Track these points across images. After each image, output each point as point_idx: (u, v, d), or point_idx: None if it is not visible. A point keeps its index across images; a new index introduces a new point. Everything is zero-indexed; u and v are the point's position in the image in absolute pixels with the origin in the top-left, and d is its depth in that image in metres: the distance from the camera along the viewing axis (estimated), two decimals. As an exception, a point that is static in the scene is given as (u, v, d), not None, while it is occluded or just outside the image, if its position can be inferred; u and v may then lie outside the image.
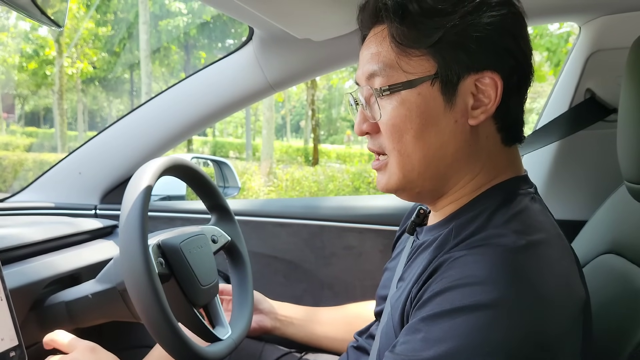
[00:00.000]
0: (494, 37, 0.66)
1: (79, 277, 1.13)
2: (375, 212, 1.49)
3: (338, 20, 1.15)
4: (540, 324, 0.57)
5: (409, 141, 0.69)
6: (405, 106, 0.69)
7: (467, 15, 0.66)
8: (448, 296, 0.59)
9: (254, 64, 1.37)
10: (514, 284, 0.58)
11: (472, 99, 0.68)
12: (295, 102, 28.51)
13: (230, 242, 1.08)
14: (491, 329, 0.56)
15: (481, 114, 0.68)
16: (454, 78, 0.67)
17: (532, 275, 0.59)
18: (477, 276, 0.59)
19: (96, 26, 15.78)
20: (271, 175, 9.53)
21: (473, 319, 0.56)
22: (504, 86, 0.67)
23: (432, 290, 0.62)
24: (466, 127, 0.69)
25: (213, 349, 0.88)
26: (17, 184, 10.93)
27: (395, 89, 0.69)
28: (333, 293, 1.50)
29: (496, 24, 0.66)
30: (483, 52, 0.67)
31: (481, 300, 0.57)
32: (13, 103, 23.87)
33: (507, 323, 0.56)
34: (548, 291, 0.59)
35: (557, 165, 1.33)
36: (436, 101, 0.68)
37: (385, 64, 0.70)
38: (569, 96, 1.28)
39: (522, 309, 0.57)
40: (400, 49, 0.68)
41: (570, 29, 6.25)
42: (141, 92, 13.98)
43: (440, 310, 0.59)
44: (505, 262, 0.59)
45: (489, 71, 0.67)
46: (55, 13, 0.82)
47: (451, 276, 0.61)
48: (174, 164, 0.94)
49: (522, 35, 0.70)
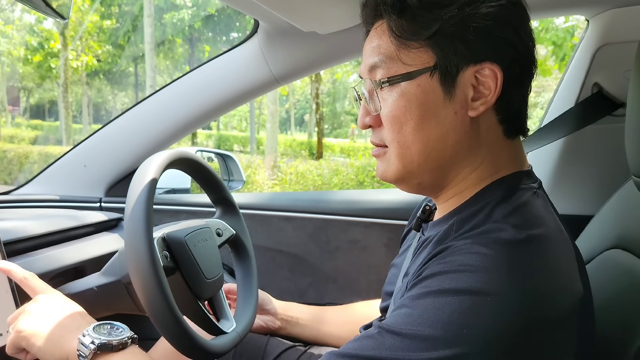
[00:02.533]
0: (493, 28, 0.66)
1: (83, 270, 1.13)
2: (380, 206, 1.48)
3: (343, 14, 1.14)
4: (527, 316, 0.57)
5: (408, 132, 0.69)
6: (405, 98, 0.69)
7: (465, 6, 0.65)
8: (438, 279, 0.60)
9: (259, 57, 1.37)
10: (505, 276, 0.58)
11: (471, 90, 0.68)
12: (299, 95, 28.48)
13: (235, 236, 1.08)
14: (473, 315, 0.57)
15: (481, 105, 0.68)
16: (453, 69, 0.67)
17: (525, 268, 0.60)
18: (470, 264, 0.59)
19: (101, 19, 15.78)
20: (275, 169, 9.53)
21: (457, 302, 0.57)
22: (505, 77, 0.67)
23: (425, 273, 0.63)
24: (466, 119, 0.68)
25: (218, 342, 0.88)
26: (22, 176, 10.98)
27: (394, 80, 0.69)
28: (338, 287, 1.51)
29: (494, 15, 0.66)
30: (482, 43, 0.66)
31: (470, 286, 0.58)
32: (18, 96, 23.97)
33: (492, 311, 0.57)
34: (539, 285, 0.59)
35: (564, 159, 1.32)
36: (435, 93, 0.68)
37: (386, 56, 0.70)
38: (576, 90, 1.28)
39: (510, 300, 0.57)
40: (400, 42, 0.69)
41: (576, 23, 6.21)
42: (145, 85, 13.99)
43: (428, 290, 0.60)
44: (501, 254, 0.60)
45: (488, 62, 0.66)
46: (60, 5, 0.82)
47: (445, 263, 0.62)
48: (178, 157, 0.93)
49: (522, 26, 0.69)
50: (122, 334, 0.77)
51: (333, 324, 1.16)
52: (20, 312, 0.80)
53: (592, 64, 1.24)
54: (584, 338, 0.64)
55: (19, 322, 0.79)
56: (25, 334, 0.77)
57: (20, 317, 0.79)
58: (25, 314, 0.79)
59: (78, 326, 0.77)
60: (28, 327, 0.77)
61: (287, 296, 1.26)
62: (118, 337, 0.75)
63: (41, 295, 0.82)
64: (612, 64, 1.23)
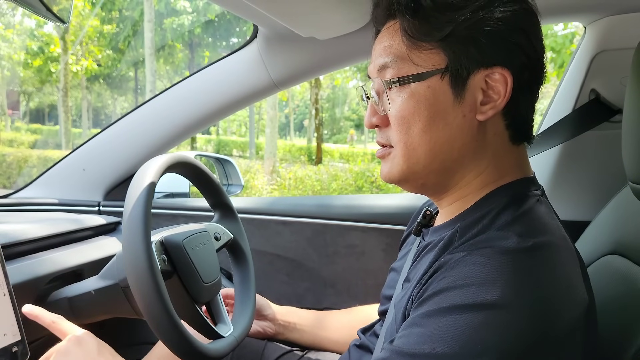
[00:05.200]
0: (505, 33, 0.66)
1: (81, 273, 1.13)
2: (379, 211, 1.49)
3: (343, 19, 1.15)
4: (538, 326, 0.57)
5: (416, 133, 0.69)
6: (414, 98, 0.69)
7: (479, 10, 0.66)
8: (446, 295, 0.60)
9: (258, 62, 1.37)
10: (512, 286, 0.58)
11: (481, 94, 0.68)
12: (299, 101, 28.52)
13: (233, 240, 1.08)
14: (486, 329, 0.56)
15: (490, 109, 0.68)
16: (464, 72, 0.67)
17: (531, 277, 0.59)
18: (476, 277, 0.59)
19: (101, 24, 15.82)
20: (274, 174, 9.54)
21: (468, 318, 0.57)
22: (515, 83, 0.67)
23: (433, 289, 0.62)
24: (474, 123, 0.69)
25: (215, 346, 0.88)
26: (21, 180, 10.97)
27: (405, 81, 0.69)
28: (335, 291, 1.50)
29: (507, 20, 0.66)
30: (493, 48, 0.67)
31: (478, 300, 0.57)
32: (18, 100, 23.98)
33: (503, 324, 0.56)
34: (547, 294, 0.59)
35: (562, 165, 1.33)
36: (445, 95, 0.68)
37: (397, 56, 0.70)
38: (573, 96, 1.28)
39: (519, 311, 0.57)
40: (412, 42, 0.69)
41: (575, 30, 6.23)
42: (145, 90, 14.01)
43: (438, 308, 0.60)
44: (505, 264, 0.59)
45: (499, 67, 0.67)
46: (61, 10, 0.83)
47: (451, 276, 0.61)
48: (177, 161, 0.94)
49: (534, 32, 0.69)
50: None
51: (331, 328, 1.16)
52: (53, 351, 0.80)
53: (590, 71, 1.25)
54: (590, 345, 0.64)
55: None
56: None
57: (52, 356, 0.79)
58: (59, 354, 0.79)
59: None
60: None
61: (284, 300, 1.27)
62: None
63: (72, 335, 0.81)
64: (609, 70, 1.23)
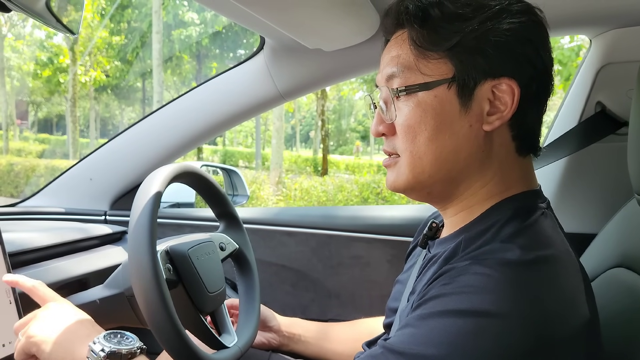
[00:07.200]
0: (513, 44, 0.67)
1: (87, 282, 1.14)
2: (384, 223, 1.48)
3: (349, 31, 1.16)
4: (532, 338, 0.57)
5: (422, 142, 0.69)
6: (421, 108, 0.69)
7: (487, 20, 0.66)
8: (443, 299, 0.60)
9: (264, 73, 1.38)
10: (509, 297, 0.58)
11: (488, 104, 0.68)
12: (305, 112, 28.60)
13: (238, 250, 1.08)
14: (479, 336, 0.56)
15: (496, 120, 0.68)
16: (471, 82, 0.67)
17: (530, 290, 0.59)
18: (475, 286, 0.59)
19: (110, 35, 15.97)
20: (280, 185, 9.54)
21: (462, 323, 0.57)
22: (522, 94, 0.67)
23: (431, 293, 0.62)
24: (480, 133, 0.69)
25: (219, 356, 0.88)
26: (28, 189, 11.03)
27: (412, 89, 0.69)
28: (340, 302, 1.50)
29: (515, 31, 0.66)
30: (501, 58, 0.67)
31: (473, 307, 0.57)
32: (27, 110, 24.19)
33: (496, 333, 0.56)
34: (545, 307, 0.59)
35: (567, 177, 1.32)
36: (452, 104, 0.68)
37: (404, 65, 0.70)
38: (579, 109, 1.28)
39: (513, 321, 0.57)
40: (419, 52, 0.69)
41: (581, 43, 6.23)
42: (153, 101, 14.09)
43: (433, 311, 0.60)
44: (506, 276, 0.59)
45: (506, 78, 0.67)
46: (70, 21, 0.84)
47: (451, 283, 0.61)
48: (183, 171, 0.94)
49: (542, 44, 0.69)
50: (131, 343, 0.77)
51: (336, 340, 1.15)
52: (30, 318, 0.80)
53: (595, 83, 1.25)
54: (593, 359, 0.63)
55: (30, 327, 0.78)
56: (36, 339, 0.77)
57: (30, 322, 0.79)
58: (36, 320, 0.79)
59: (88, 334, 0.77)
60: (39, 333, 0.77)
61: (289, 311, 1.26)
62: (127, 346, 0.75)
63: (51, 302, 0.82)
64: (614, 83, 1.23)
